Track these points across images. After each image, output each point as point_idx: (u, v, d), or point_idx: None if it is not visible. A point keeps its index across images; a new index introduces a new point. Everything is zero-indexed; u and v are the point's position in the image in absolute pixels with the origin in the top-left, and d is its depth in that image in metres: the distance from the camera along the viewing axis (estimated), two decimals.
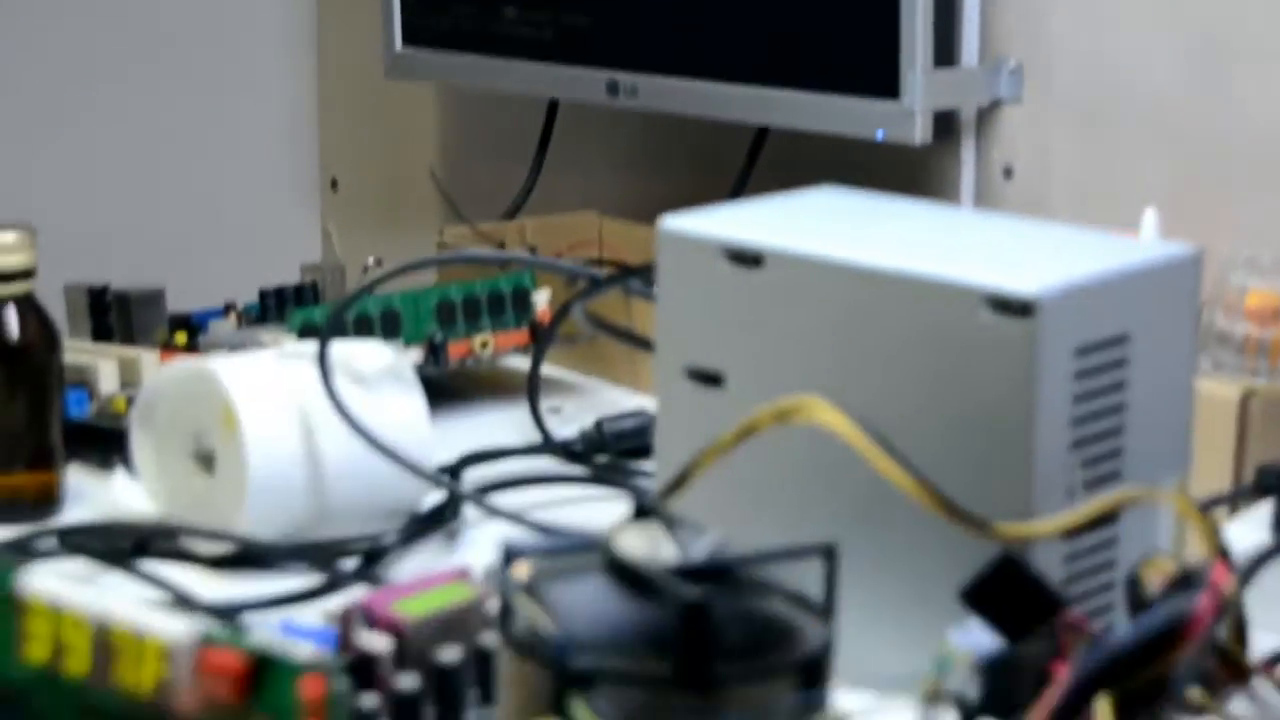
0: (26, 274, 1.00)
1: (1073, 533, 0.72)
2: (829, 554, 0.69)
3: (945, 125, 1.23)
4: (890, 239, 0.82)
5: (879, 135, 1.19)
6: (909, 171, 1.25)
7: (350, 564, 0.94)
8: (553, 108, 1.46)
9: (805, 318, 0.80)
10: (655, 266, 0.85)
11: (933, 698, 0.67)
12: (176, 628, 0.53)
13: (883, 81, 1.18)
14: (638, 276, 1.04)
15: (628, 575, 0.67)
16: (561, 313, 1.17)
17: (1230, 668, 0.69)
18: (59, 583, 0.56)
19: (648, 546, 0.68)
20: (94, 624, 0.54)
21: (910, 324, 0.77)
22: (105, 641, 0.54)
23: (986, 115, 1.24)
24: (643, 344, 1.07)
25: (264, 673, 0.52)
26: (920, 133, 1.17)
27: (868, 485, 0.72)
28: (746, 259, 0.81)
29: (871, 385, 0.77)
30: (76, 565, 0.93)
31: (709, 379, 0.83)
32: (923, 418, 0.76)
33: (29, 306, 1.01)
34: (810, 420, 0.72)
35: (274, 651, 0.52)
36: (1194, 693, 0.67)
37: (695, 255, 0.83)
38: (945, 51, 1.19)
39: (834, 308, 0.79)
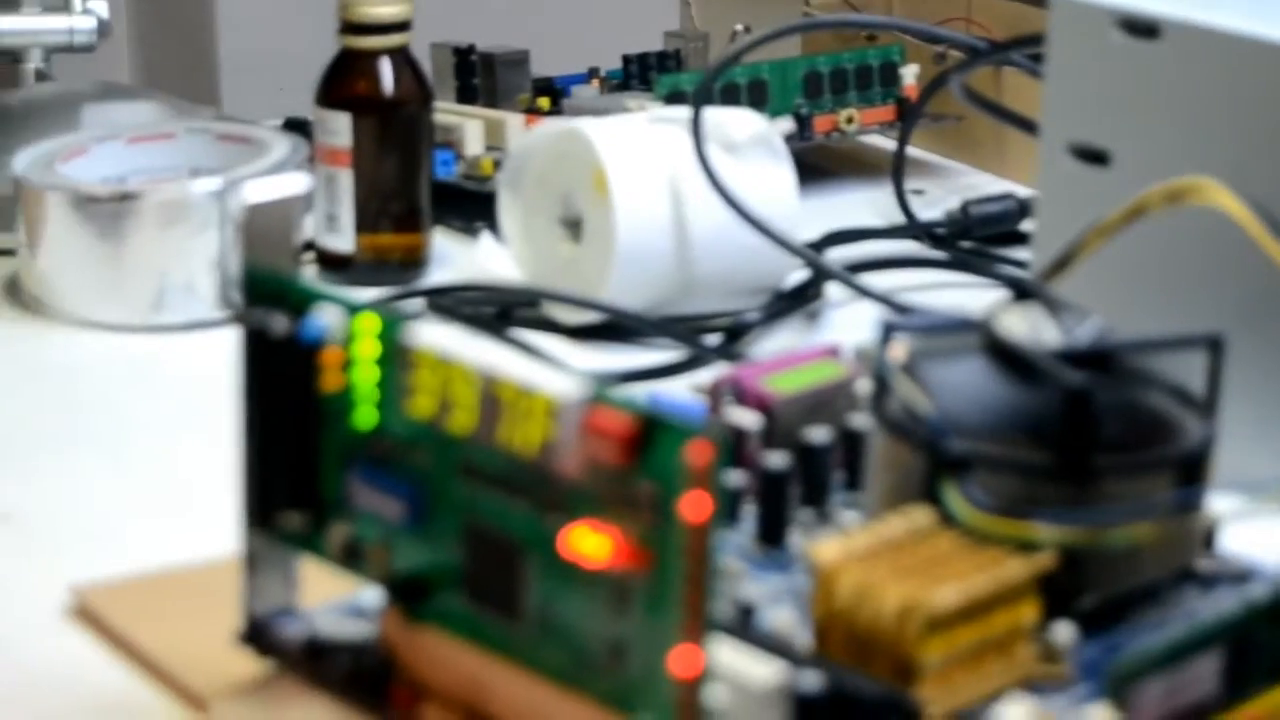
0: (403, 26, 1.02)
1: None
2: (1214, 345, 0.68)
3: None
4: None
5: None
6: None
7: (713, 340, 0.94)
8: None
9: (1201, 95, 0.78)
10: (1038, 38, 0.84)
11: None
12: (566, 385, 0.54)
13: None
14: (1019, 48, 1.02)
15: (1008, 357, 0.67)
16: (931, 88, 1.16)
17: None
18: (449, 335, 0.57)
19: (1029, 329, 0.67)
20: (483, 378, 0.55)
21: None
22: (493, 396, 0.55)
23: None
24: (1021, 123, 1.06)
25: (652, 435, 0.52)
26: None
27: (1258, 276, 0.71)
28: (1141, 29, 0.80)
29: (1267, 170, 0.75)
30: (446, 329, 0.95)
31: (1094, 157, 0.82)
32: None
33: (404, 60, 1.02)
34: (1204, 203, 0.71)
35: (663, 414, 0.52)
36: None
37: (1087, 24, 0.81)
38: None
39: (1234, 85, 0.77)
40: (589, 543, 0.54)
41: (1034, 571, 0.61)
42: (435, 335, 0.57)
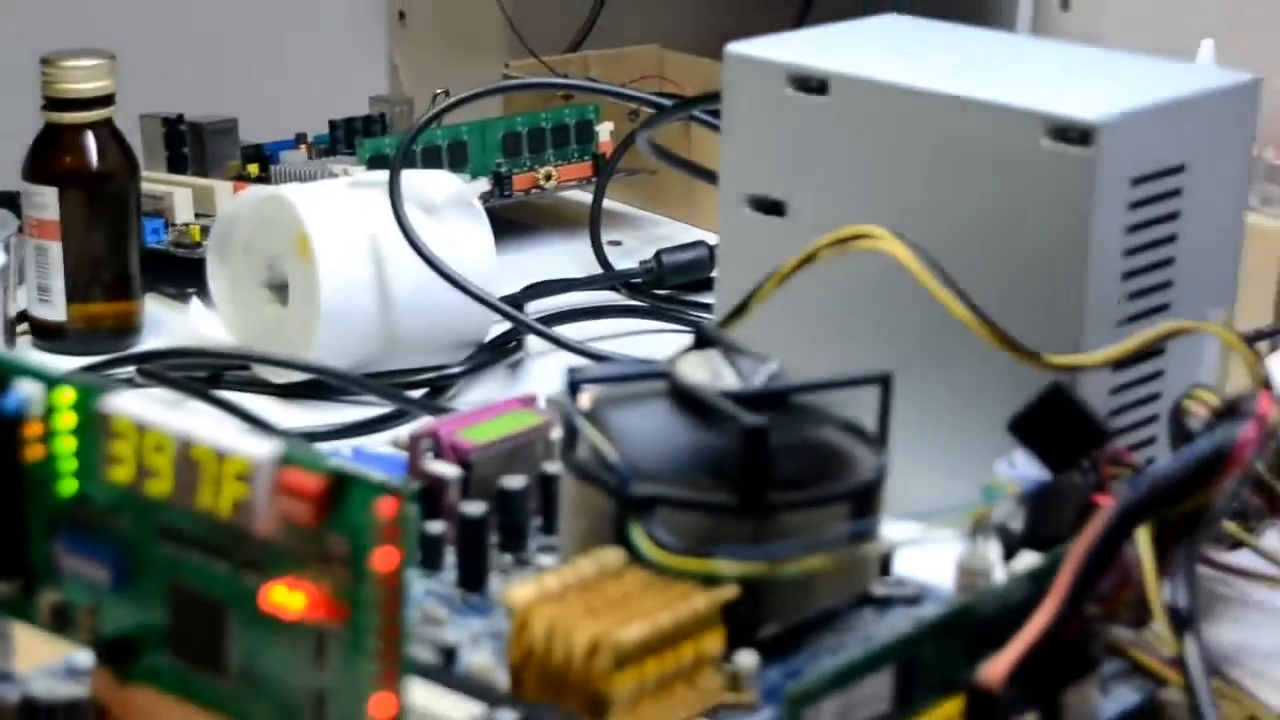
0: (107, 100, 1.01)
1: (1120, 364, 0.73)
2: (884, 383, 0.70)
3: None
4: (953, 65, 0.82)
5: None
6: (967, 2, 1.24)
7: (417, 394, 0.95)
8: None
9: (868, 145, 0.80)
10: (719, 95, 0.85)
11: (977, 529, 0.68)
12: (258, 447, 0.54)
13: None
14: (701, 105, 1.04)
15: (688, 401, 0.68)
16: (624, 144, 1.17)
17: (1269, 500, 0.69)
18: (144, 404, 0.56)
19: (708, 374, 0.69)
20: (178, 444, 0.55)
21: (971, 151, 0.77)
22: (188, 461, 0.55)
23: None
24: (705, 175, 1.07)
25: (341, 493, 0.52)
26: None
27: (923, 315, 0.73)
28: (811, 85, 0.81)
29: (931, 215, 0.77)
30: (153, 393, 0.93)
31: (771, 208, 0.83)
32: (980, 248, 0.76)
33: (109, 133, 1.01)
34: (870, 249, 0.73)
35: (352, 472, 0.52)
36: (1230, 525, 0.68)
37: (761, 81, 0.83)
38: None
39: (897, 134, 0.79)
40: (286, 598, 0.54)
41: (716, 604, 0.62)
42: (131, 404, 0.57)
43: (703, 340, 0.72)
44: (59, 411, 0.58)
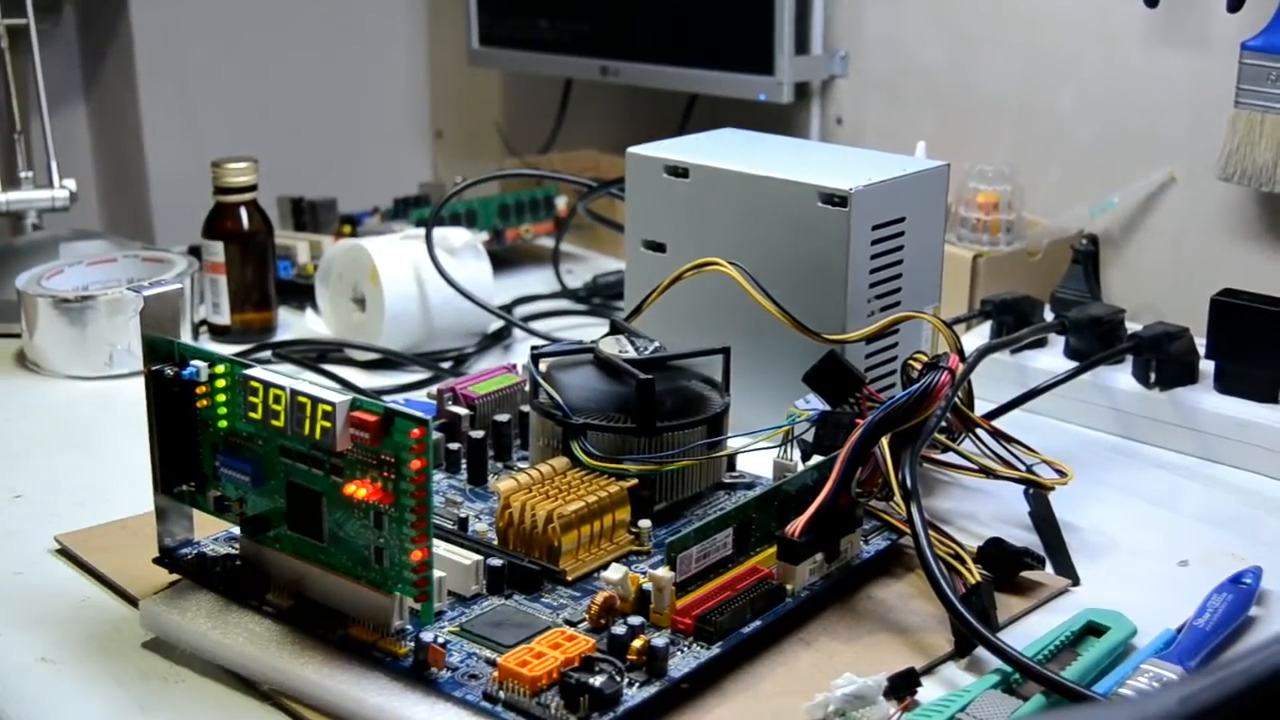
0: (252, 187, 1.00)
1: (870, 339, 0.73)
2: (726, 353, 0.70)
3: (801, 91, 1.22)
4: (766, 159, 0.81)
5: (761, 97, 1.17)
6: (779, 120, 1.24)
7: (445, 365, 0.93)
8: (568, 83, 1.44)
9: (714, 207, 0.79)
10: (625, 179, 0.85)
11: (785, 440, 0.67)
12: (338, 396, 0.53)
13: (763, 64, 1.17)
14: (615, 185, 1.04)
15: (606, 366, 0.68)
16: (573, 211, 1.16)
17: (962, 420, 0.69)
18: (270, 374, 0.56)
19: (618, 349, 0.69)
20: (288, 395, 0.55)
21: (775, 210, 0.76)
22: (295, 405, 0.54)
23: (826, 85, 1.23)
24: (618, 227, 1.07)
25: (389, 424, 0.52)
26: (786, 95, 1.16)
27: (751, 312, 0.72)
28: (678, 172, 0.81)
29: (752, 250, 0.76)
30: (284, 368, 0.93)
31: (656, 247, 0.82)
32: (782, 269, 0.75)
33: (254, 207, 1.00)
34: (716, 271, 0.72)
35: (396, 410, 0.52)
36: (940, 436, 0.68)
37: (648, 170, 0.82)
38: (802, 45, 1.18)
39: (731, 200, 0.78)
40: (357, 489, 0.53)
41: (624, 490, 0.62)
42: (258, 372, 0.56)
43: (614, 328, 0.72)
44: (217, 377, 0.58)
